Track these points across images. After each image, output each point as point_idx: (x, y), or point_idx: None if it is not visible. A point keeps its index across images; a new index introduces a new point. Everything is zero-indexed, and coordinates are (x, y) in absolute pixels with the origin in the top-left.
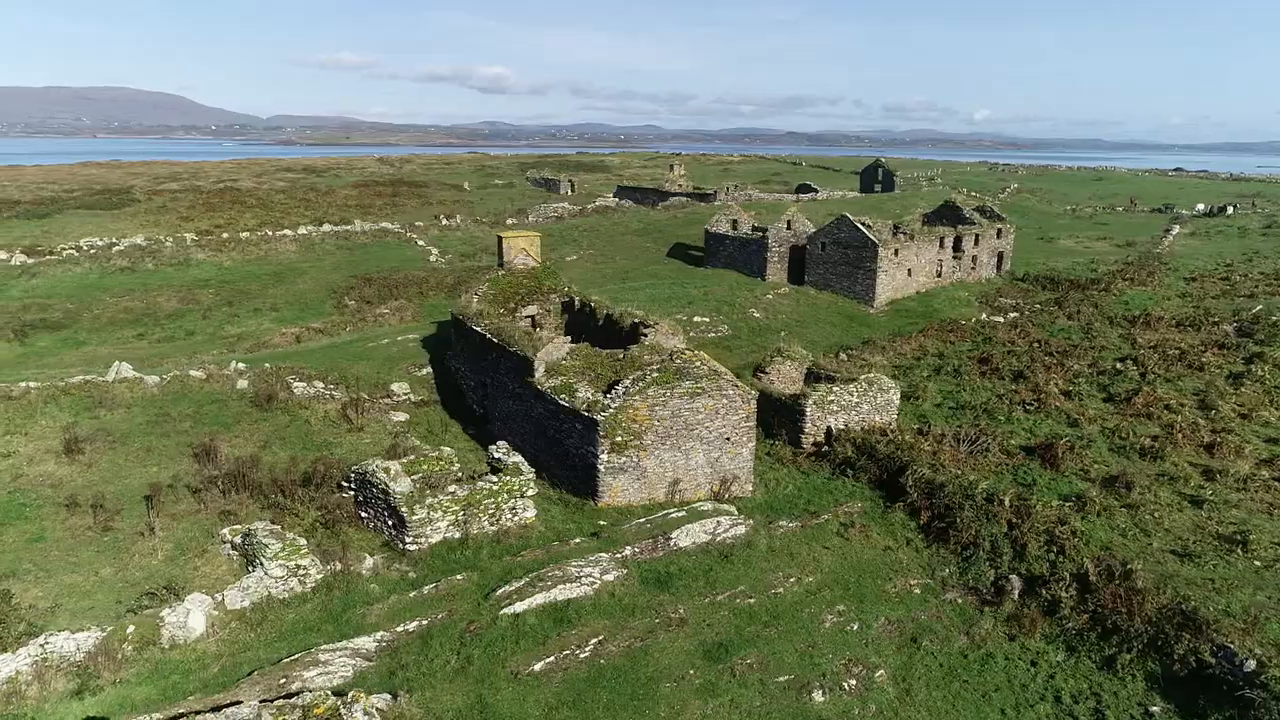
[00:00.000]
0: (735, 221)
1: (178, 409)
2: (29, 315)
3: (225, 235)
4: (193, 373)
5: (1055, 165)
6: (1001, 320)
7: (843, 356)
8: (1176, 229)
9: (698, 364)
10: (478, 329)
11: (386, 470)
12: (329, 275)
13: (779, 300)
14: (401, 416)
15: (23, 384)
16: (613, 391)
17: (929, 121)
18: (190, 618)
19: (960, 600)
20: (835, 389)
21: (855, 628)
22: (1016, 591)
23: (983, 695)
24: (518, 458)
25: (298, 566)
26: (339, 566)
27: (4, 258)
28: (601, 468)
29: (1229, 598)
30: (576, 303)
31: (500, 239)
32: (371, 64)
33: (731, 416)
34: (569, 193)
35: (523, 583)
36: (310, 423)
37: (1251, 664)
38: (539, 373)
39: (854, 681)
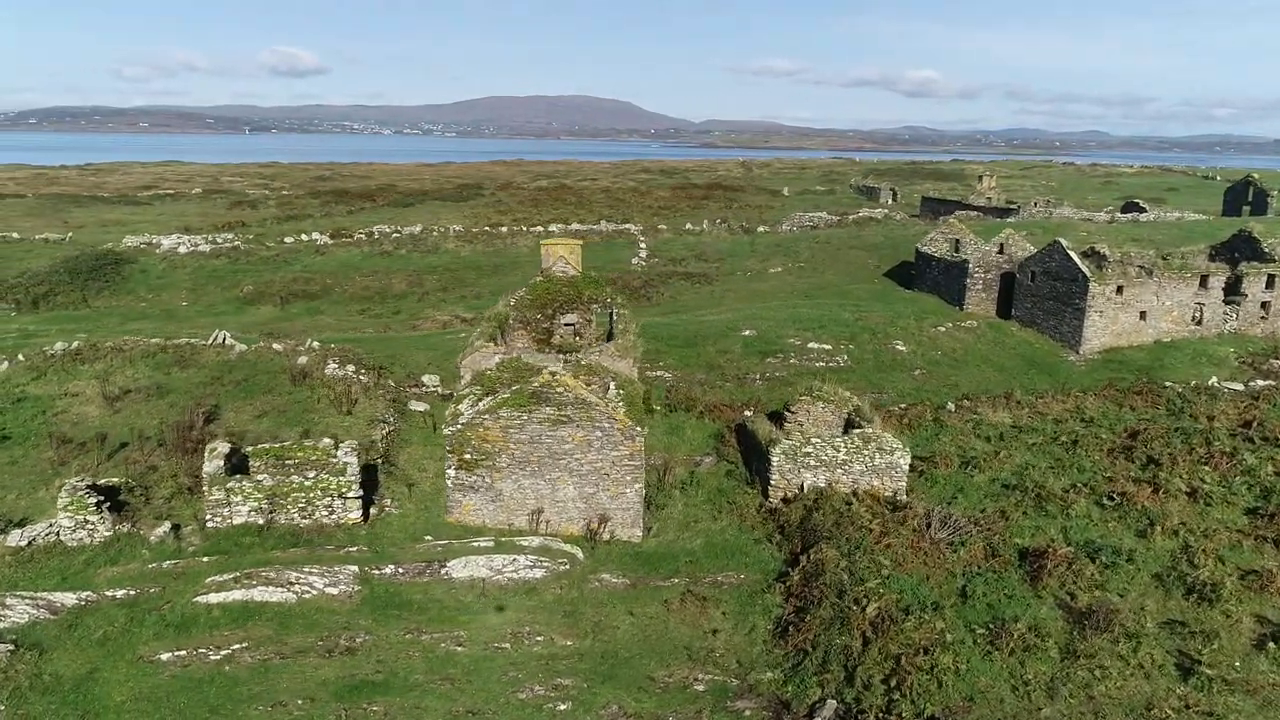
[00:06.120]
0: (957, 242)
1: (232, 375)
2: (296, 286)
3: (486, 228)
4: (274, 345)
5: None
6: (1240, 388)
7: (950, 407)
8: None
9: (560, 390)
10: None
11: (212, 449)
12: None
13: (950, 334)
14: (421, 407)
15: (150, 339)
16: (474, 408)
17: None
18: None
19: (749, 713)
20: (815, 441)
21: (562, 708)
22: None
23: None
24: (351, 460)
25: (85, 521)
26: (127, 529)
27: (316, 238)
28: (449, 483)
29: None
30: (615, 314)
31: (542, 245)
32: (801, 70)
33: (610, 452)
34: (889, 201)
35: (231, 576)
36: (317, 401)
37: None
38: (464, 379)
39: None
